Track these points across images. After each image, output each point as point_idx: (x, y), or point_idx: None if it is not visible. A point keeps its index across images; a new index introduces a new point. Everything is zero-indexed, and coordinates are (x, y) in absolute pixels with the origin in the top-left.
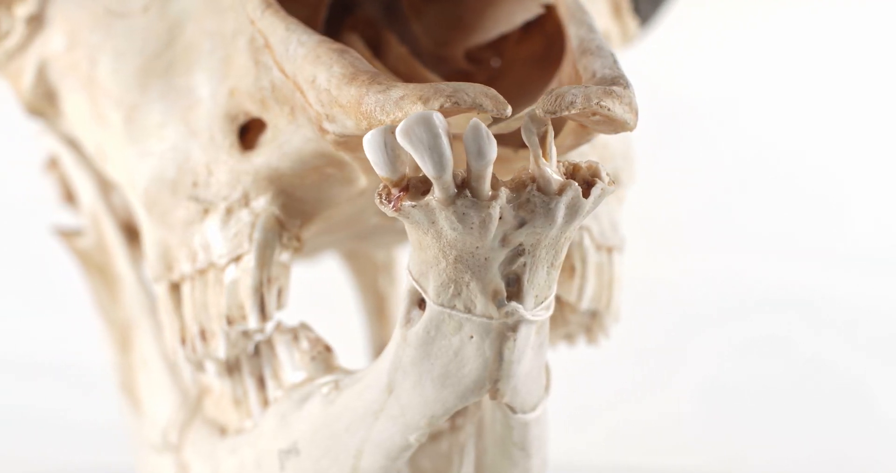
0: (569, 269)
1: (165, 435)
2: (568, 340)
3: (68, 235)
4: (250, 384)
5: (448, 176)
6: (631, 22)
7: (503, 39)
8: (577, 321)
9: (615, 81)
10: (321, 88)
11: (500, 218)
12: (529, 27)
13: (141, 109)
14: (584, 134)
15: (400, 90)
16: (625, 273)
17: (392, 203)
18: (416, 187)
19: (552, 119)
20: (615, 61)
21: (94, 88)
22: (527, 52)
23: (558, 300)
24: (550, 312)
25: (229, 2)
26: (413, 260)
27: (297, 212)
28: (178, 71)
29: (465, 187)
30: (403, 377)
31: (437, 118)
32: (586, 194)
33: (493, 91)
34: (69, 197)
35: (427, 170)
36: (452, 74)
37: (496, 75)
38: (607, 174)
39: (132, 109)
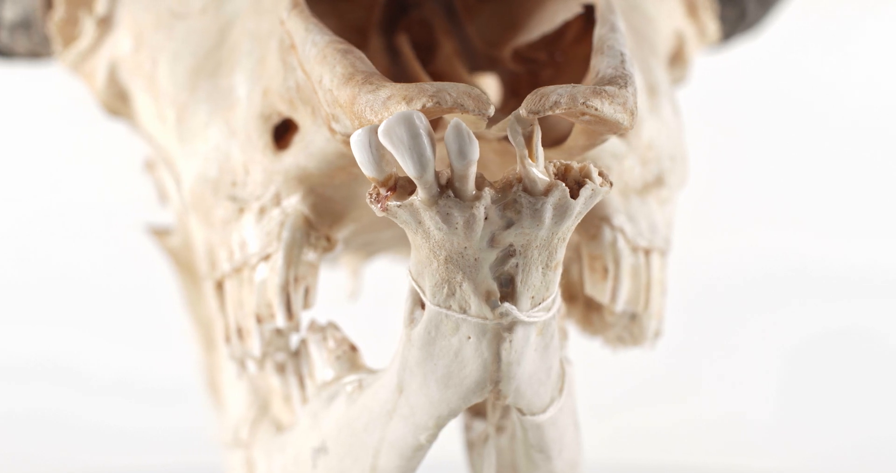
0: (601, 270)
1: (237, 432)
2: (621, 342)
3: (160, 233)
4: (293, 382)
5: (429, 176)
6: (710, 21)
7: (557, 39)
8: (617, 323)
9: (612, 81)
10: (326, 88)
11: (487, 218)
12: (588, 28)
13: (189, 110)
14: (596, 134)
15: (388, 90)
16: (668, 275)
17: (380, 203)
18: (404, 187)
19: (564, 119)
20: (622, 61)
21: (154, 88)
22: (583, 52)
23: (594, 302)
24: (551, 314)
25: (270, 3)
26: (411, 260)
27: (327, 211)
28: (224, 72)
29: (449, 186)
30: (411, 378)
31: (418, 118)
32: (576, 195)
33: (476, 91)
34: (165, 196)
35: (408, 170)
36: (506, 75)
37: (554, 75)
38: (600, 176)
39: (182, 110)
